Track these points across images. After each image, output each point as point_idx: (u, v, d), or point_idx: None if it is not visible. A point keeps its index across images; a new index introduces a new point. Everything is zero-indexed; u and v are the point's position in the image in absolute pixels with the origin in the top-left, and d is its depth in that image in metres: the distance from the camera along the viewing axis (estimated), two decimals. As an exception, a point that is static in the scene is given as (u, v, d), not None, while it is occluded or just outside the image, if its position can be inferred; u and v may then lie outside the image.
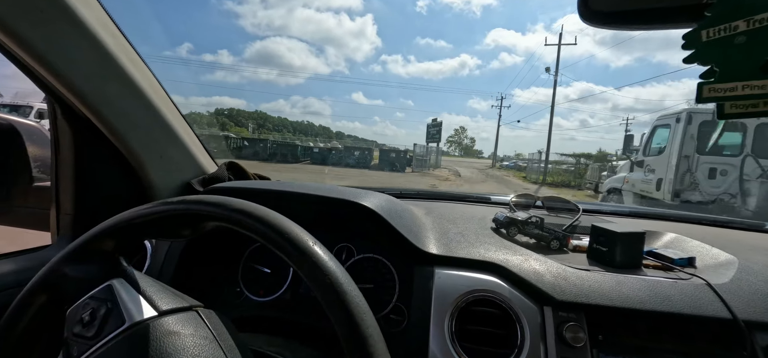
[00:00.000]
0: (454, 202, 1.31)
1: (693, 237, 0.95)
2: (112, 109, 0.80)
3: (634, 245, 0.79)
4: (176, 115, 0.98)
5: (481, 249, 0.77)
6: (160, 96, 0.91)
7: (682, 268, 0.78)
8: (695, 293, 0.66)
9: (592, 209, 1.29)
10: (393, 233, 0.77)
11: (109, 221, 0.48)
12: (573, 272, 0.70)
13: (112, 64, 0.76)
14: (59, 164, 0.87)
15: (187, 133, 1.03)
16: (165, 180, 0.97)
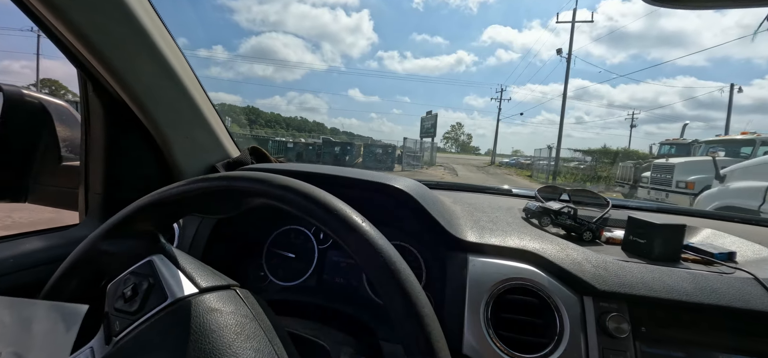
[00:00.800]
0: (478, 193, 1.30)
1: (728, 231, 0.92)
2: (144, 86, 0.80)
3: (674, 237, 0.76)
4: (204, 98, 0.98)
5: (515, 238, 0.75)
6: (190, 77, 0.91)
7: (724, 262, 0.76)
8: (743, 287, 0.63)
9: (620, 204, 1.26)
10: (427, 217, 0.75)
11: (148, 197, 0.48)
12: (613, 261, 0.68)
13: (146, 41, 0.76)
14: (89, 143, 0.87)
15: (213, 116, 1.03)
16: (190, 162, 0.97)
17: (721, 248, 0.80)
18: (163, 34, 0.81)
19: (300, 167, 0.92)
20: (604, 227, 0.93)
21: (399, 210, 0.80)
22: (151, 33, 0.76)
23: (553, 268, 0.67)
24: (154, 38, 0.77)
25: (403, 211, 0.78)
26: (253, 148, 1.21)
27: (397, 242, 0.88)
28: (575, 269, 0.65)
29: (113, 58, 0.71)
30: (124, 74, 0.75)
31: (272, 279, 0.95)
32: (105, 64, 0.71)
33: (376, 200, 0.81)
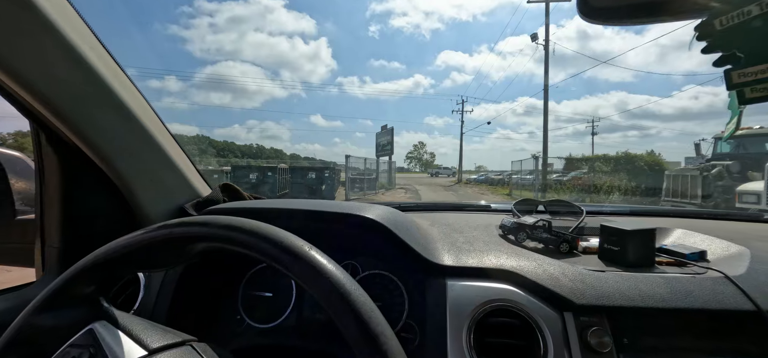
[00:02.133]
0: (457, 211, 1.30)
1: (699, 230, 0.95)
2: (101, 132, 0.77)
3: (645, 242, 0.77)
4: (167, 137, 0.95)
5: (492, 257, 0.74)
6: (150, 117, 0.88)
7: (695, 262, 0.77)
8: (715, 287, 0.64)
9: (594, 210, 1.28)
10: (401, 245, 0.74)
11: (83, 261, 0.45)
12: (589, 273, 0.68)
13: (100, 86, 0.73)
14: (44, 194, 0.82)
15: (179, 155, 0.99)
16: (157, 206, 0.93)
17: (693, 248, 0.82)
18: (116, 74, 0.78)
19: (267, 204, 0.90)
20: (581, 237, 0.94)
21: (374, 239, 0.78)
22: (103, 75, 0.73)
23: (532, 285, 0.66)
24: (107, 80, 0.74)
25: (378, 240, 0.77)
26: (225, 185, 1.17)
27: (377, 271, 0.85)
28: (553, 284, 0.65)
29: (64, 105, 0.68)
30: (78, 121, 0.72)
31: (249, 322, 0.91)
32: (56, 112, 0.68)
33: (349, 231, 0.79)
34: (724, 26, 0.43)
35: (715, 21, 0.43)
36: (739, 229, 1.07)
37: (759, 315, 0.59)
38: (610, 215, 1.28)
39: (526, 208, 1.23)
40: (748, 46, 0.42)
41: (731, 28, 0.42)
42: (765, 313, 0.59)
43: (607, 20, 0.48)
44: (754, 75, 0.42)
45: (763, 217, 1.30)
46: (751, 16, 0.41)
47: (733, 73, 0.44)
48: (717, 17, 0.43)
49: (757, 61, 0.42)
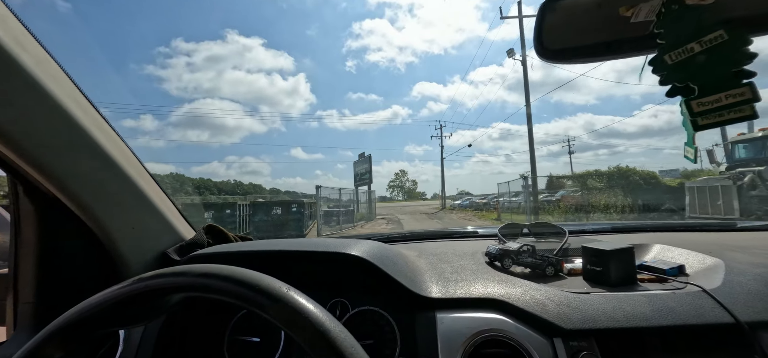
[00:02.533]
0: (443, 239, 1.31)
1: (677, 244, 0.98)
2: (80, 181, 0.75)
3: (626, 260, 0.80)
4: (147, 179, 0.93)
5: (480, 286, 0.75)
6: (129, 160, 0.87)
7: (675, 277, 0.80)
8: (694, 302, 0.66)
9: (577, 230, 1.31)
10: (388, 280, 0.74)
11: (56, 322, 0.43)
12: (575, 297, 0.70)
13: (78, 132, 0.72)
14: (19, 247, 0.80)
15: (160, 198, 0.98)
16: (138, 253, 0.90)
17: (672, 263, 0.85)
18: (93, 118, 0.77)
19: (250, 247, 0.89)
20: (565, 258, 0.96)
21: (362, 275, 0.78)
22: (80, 119, 0.72)
23: (520, 313, 0.67)
24: (84, 124, 0.73)
25: (366, 275, 0.77)
26: (209, 227, 1.15)
27: (367, 307, 0.85)
28: (540, 310, 0.66)
29: (41, 155, 0.67)
30: (56, 170, 0.71)
31: None
32: (33, 162, 0.67)
33: (336, 269, 0.79)
34: (674, 61, 0.47)
35: (666, 57, 0.47)
36: (714, 240, 1.11)
37: (738, 327, 0.61)
38: (594, 234, 1.31)
39: (511, 231, 1.25)
40: (699, 79, 0.46)
41: (680, 62, 0.46)
42: (743, 324, 0.61)
43: (563, 60, 0.52)
44: (710, 104, 0.46)
45: (736, 226, 1.36)
46: (694, 53, 0.45)
47: (693, 103, 0.47)
48: (666, 53, 0.47)
49: (709, 93, 0.46)
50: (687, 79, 0.46)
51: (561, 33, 0.54)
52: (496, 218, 18.09)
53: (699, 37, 0.44)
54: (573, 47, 0.53)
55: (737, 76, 0.44)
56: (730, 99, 0.44)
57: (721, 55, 0.44)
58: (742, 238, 1.13)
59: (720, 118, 0.45)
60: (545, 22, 0.53)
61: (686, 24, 0.45)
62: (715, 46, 0.44)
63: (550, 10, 0.53)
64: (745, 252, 0.88)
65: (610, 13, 0.51)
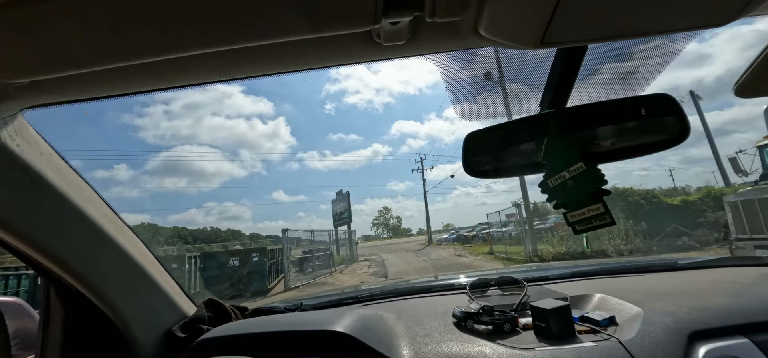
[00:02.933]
0: (421, 295, 1.44)
1: (617, 291, 1.14)
2: (102, 278, 0.89)
3: (563, 317, 0.95)
4: (152, 260, 1.05)
5: (445, 347, 0.90)
6: (136, 245, 1.00)
7: (605, 328, 0.95)
8: (612, 353, 0.82)
9: (538, 277, 1.47)
10: (369, 351, 0.88)
11: None
12: (519, 354, 0.85)
13: (99, 234, 0.86)
14: (47, 338, 0.92)
15: (163, 276, 1.10)
16: (149, 333, 1.02)
17: (606, 313, 1.01)
18: (108, 216, 0.91)
19: (245, 329, 1.01)
20: (521, 313, 1.11)
21: (345, 347, 0.92)
22: (99, 224, 0.86)
23: None
24: (104, 228, 0.87)
25: (348, 347, 0.91)
26: (209, 301, 1.27)
27: None
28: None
29: (73, 261, 0.81)
30: (85, 272, 0.85)
31: None
32: (67, 268, 0.81)
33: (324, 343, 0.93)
34: (554, 185, 0.66)
35: (548, 181, 0.66)
36: (649, 285, 1.27)
37: None
38: (553, 280, 1.47)
39: (480, 282, 1.40)
40: (571, 197, 0.65)
41: (557, 186, 0.65)
42: None
43: (485, 176, 0.71)
44: (579, 216, 0.65)
45: (677, 264, 1.53)
46: (565, 178, 0.64)
47: (568, 215, 0.66)
48: (548, 178, 0.66)
49: (579, 206, 0.64)
50: (563, 198, 0.64)
51: (481, 158, 0.73)
52: (489, 252, 17.37)
53: (567, 166, 0.63)
54: (490, 168, 0.73)
55: (595, 196, 0.62)
56: (591, 212, 0.62)
57: (582, 180, 0.63)
58: (672, 280, 1.29)
59: (589, 226, 0.63)
60: (469, 150, 0.73)
61: (559, 157, 0.65)
62: (578, 175, 0.63)
63: (472, 141, 0.73)
64: (663, 300, 1.04)
65: (514, 145, 0.71)
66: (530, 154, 0.69)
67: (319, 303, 1.42)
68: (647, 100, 0.65)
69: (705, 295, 1.04)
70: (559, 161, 0.64)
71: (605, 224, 0.63)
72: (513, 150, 0.71)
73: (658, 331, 0.87)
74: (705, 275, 1.33)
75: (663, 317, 0.92)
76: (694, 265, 1.49)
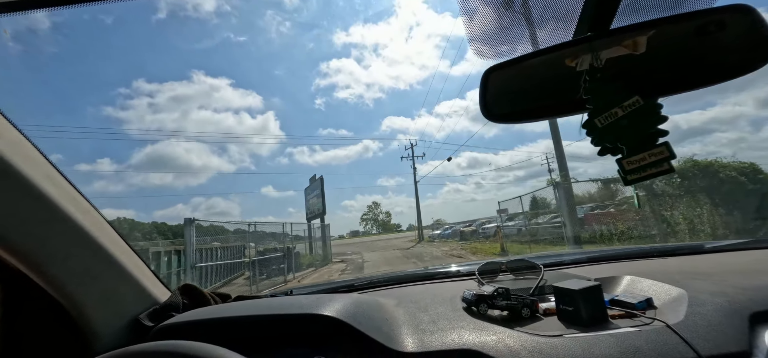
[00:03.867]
0: (424, 282, 1.31)
1: (647, 273, 1.01)
2: (52, 258, 0.75)
3: (594, 299, 0.82)
4: (120, 245, 0.93)
5: (455, 335, 0.76)
6: (104, 229, 0.87)
7: (644, 312, 0.82)
8: (659, 339, 0.68)
9: (553, 262, 1.34)
10: (362, 337, 0.74)
11: None
12: (547, 342, 0.71)
13: (53, 210, 0.73)
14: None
15: (132, 261, 0.97)
16: (110, 322, 0.88)
17: (641, 296, 0.87)
18: (63, 188, 0.78)
19: (224, 312, 0.88)
20: (540, 298, 0.97)
21: (337, 333, 0.78)
22: (48, 192, 0.72)
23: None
24: (50, 194, 0.73)
25: (341, 333, 0.77)
26: (185, 286, 1.13)
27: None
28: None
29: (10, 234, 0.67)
30: (26, 247, 0.70)
31: None
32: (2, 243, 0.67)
33: (314, 327, 0.79)
34: (603, 124, 0.51)
35: (596, 120, 0.52)
36: (681, 266, 1.14)
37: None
38: (569, 265, 1.33)
39: (490, 269, 1.27)
40: (625, 140, 0.50)
41: (608, 126, 0.51)
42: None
43: (508, 121, 0.57)
44: (637, 162, 0.50)
45: (704, 247, 1.40)
46: (618, 117, 0.50)
47: (624, 162, 0.51)
48: (596, 117, 0.52)
49: (636, 152, 0.50)
50: (615, 141, 0.50)
51: (503, 98, 0.59)
52: (501, 251, 13.66)
53: (620, 102, 0.49)
54: (514, 110, 0.58)
55: (654, 137, 0.48)
56: (652, 157, 0.48)
57: (640, 119, 0.48)
58: (709, 261, 1.17)
59: (644, 174, 0.49)
60: (488, 89, 0.58)
61: (608, 91, 0.50)
62: (634, 111, 0.49)
63: (492, 78, 0.58)
64: (707, 280, 0.91)
65: (544, 80, 0.56)
66: (567, 91, 0.54)
67: (311, 292, 1.28)
68: (715, 13, 0.50)
69: (755, 275, 0.91)
70: (609, 96, 0.50)
71: (663, 172, 0.49)
72: (544, 86, 0.57)
73: (711, 313, 0.74)
74: (744, 256, 1.19)
75: (713, 297, 0.79)
76: (725, 248, 1.36)
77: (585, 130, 0.52)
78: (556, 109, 0.56)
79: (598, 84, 0.51)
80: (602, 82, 0.51)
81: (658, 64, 0.51)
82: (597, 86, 0.51)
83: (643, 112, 0.48)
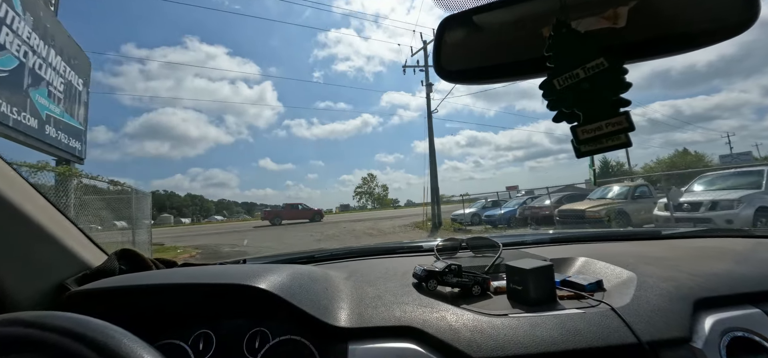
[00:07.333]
0: (383, 256, 1.27)
1: (603, 256, 1.00)
2: None
3: (544, 279, 0.80)
4: (41, 204, 0.83)
5: (398, 312, 0.72)
6: (24, 191, 0.77)
7: (592, 293, 0.81)
8: (602, 321, 0.66)
9: (515, 242, 1.33)
10: (296, 311, 0.69)
11: None
12: (489, 321, 0.68)
13: None
14: None
15: (58, 223, 0.87)
16: (29, 287, 0.79)
17: (592, 278, 0.86)
18: None
19: (149, 279, 0.81)
20: (493, 276, 0.95)
21: (274, 306, 0.72)
22: None
23: (433, 340, 0.64)
24: None
25: (274, 308, 0.72)
26: (123, 251, 1.04)
27: (288, 336, 0.79)
28: (452, 338, 0.63)
29: None
30: None
31: None
32: None
33: (248, 299, 0.73)
34: (561, 86, 0.46)
35: (554, 82, 0.46)
36: (637, 251, 1.15)
37: (640, 347, 0.62)
38: (531, 245, 1.33)
39: (450, 245, 1.24)
40: (583, 106, 0.45)
41: (566, 88, 0.45)
42: (644, 344, 0.62)
43: (462, 81, 0.50)
44: (592, 131, 0.46)
45: (661, 233, 1.43)
46: (579, 79, 0.44)
47: (579, 130, 0.47)
48: (555, 78, 0.46)
49: (595, 119, 0.45)
50: (573, 106, 0.45)
51: (459, 54, 0.52)
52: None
53: (583, 63, 0.44)
54: (471, 69, 0.52)
55: (615, 106, 0.44)
56: (609, 127, 0.44)
57: (602, 83, 0.43)
58: (664, 247, 1.19)
59: (599, 146, 0.45)
60: (444, 42, 0.52)
61: (572, 49, 0.45)
62: (597, 74, 0.43)
63: (449, 29, 0.52)
64: (658, 264, 0.91)
65: (506, 36, 0.50)
66: (529, 49, 0.48)
67: (265, 262, 1.22)
68: None
69: (706, 261, 0.91)
70: (571, 56, 0.44)
71: (619, 145, 0.45)
72: (505, 42, 0.50)
73: (656, 297, 0.73)
74: (699, 243, 1.21)
75: (661, 282, 0.78)
76: (682, 235, 1.39)
77: (543, 90, 0.47)
78: (515, 70, 0.50)
79: (561, 41, 0.45)
80: (566, 38, 0.45)
81: (628, 25, 0.46)
82: (560, 44, 0.45)
83: (606, 75, 0.43)
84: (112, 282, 0.81)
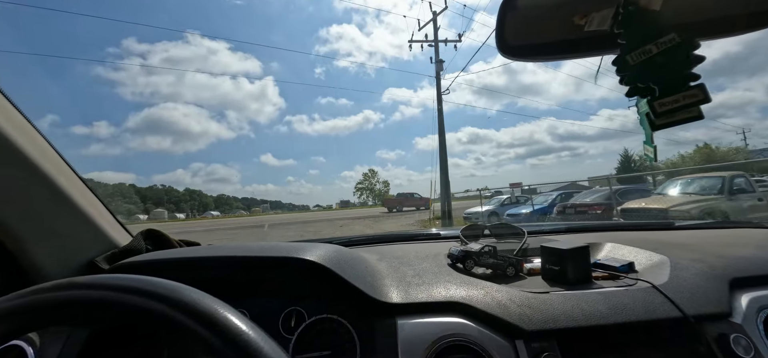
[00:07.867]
0: (406, 242, 1.28)
1: (625, 242, 1.03)
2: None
3: (581, 259, 0.81)
4: (73, 180, 0.82)
5: (441, 289, 0.73)
6: (50, 158, 0.76)
7: (626, 274, 0.83)
8: (646, 297, 0.68)
9: (535, 230, 1.35)
10: (346, 286, 0.70)
11: None
12: (535, 297, 0.69)
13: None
14: None
15: (89, 200, 0.86)
16: (59, 262, 0.79)
17: (622, 260, 0.88)
18: (7, 113, 0.67)
19: (192, 253, 0.81)
20: (525, 258, 0.96)
21: (318, 282, 0.73)
22: None
23: (482, 315, 0.65)
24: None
25: (323, 281, 0.72)
26: (149, 231, 1.04)
27: (324, 315, 0.79)
28: (501, 312, 0.65)
29: None
30: None
31: None
32: None
33: (291, 275, 0.73)
34: (635, 62, 0.47)
35: (628, 57, 0.47)
36: (657, 238, 1.17)
37: (685, 320, 0.64)
38: (550, 234, 1.35)
39: (473, 233, 1.25)
40: (659, 80, 0.46)
41: (640, 64, 0.46)
42: (690, 318, 0.64)
43: (524, 58, 0.51)
44: (669, 104, 0.47)
45: (674, 224, 1.46)
46: (652, 54, 0.45)
47: (655, 103, 0.47)
48: (628, 53, 0.47)
49: (669, 93, 0.46)
50: (648, 80, 0.46)
51: (522, 30, 0.53)
52: None
53: (655, 38, 0.45)
54: (534, 44, 0.52)
55: (688, 79, 0.45)
56: (686, 99, 0.45)
57: (676, 57, 0.44)
58: (684, 235, 1.22)
59: (673, 118, 0.46)
60: (506, 20, 0.52)
61: (643, 25, 0.46)
62: (670, 48, 0.44)
63: (510, 7, 0.52)
64: (684, 249, 0.93)
65: (572, 11, 0.51)
66: (595, 23, 0.49)
67: None
68: None
69: (729, 247, 0.94)
70: (643, 30, 0.45)
71: (693, 118, 0.46)
72: (570, 19, 0.51)
73: (693, 276, 0.75)
74: (714, 233, 1.24)
75: (694, 263, 0.80)
76: (695, 226, 1.42)
77: (615, 67, 0.47)
78: (584, 44, 0.50)
79: (630, 17, 0.46)
80: (635, 15, 0.46)
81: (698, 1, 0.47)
82: (630, 20, 0.46)
83: (678, 49, 0.44)
84: (157, 256, 0.81)
